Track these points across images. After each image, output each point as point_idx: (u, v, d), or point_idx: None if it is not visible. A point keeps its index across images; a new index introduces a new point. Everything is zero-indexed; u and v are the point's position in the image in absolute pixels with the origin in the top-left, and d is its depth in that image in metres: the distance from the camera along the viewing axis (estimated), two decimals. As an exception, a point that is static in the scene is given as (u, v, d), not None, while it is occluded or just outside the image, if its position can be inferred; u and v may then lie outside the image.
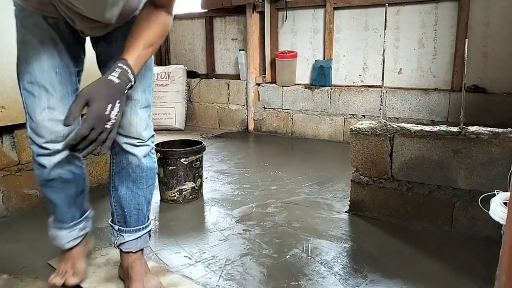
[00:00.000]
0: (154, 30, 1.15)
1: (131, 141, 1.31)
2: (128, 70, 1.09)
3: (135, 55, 1.11)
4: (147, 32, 1.14)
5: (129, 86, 1.10)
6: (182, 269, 1.62)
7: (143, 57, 1.13)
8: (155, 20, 1.15)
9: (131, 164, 1.33)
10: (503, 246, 0.78)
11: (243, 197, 2.44)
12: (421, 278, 1.55)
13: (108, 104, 1.03)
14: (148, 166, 1.35)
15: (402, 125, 2.00)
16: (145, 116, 1.33)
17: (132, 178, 1.35)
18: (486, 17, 3.35)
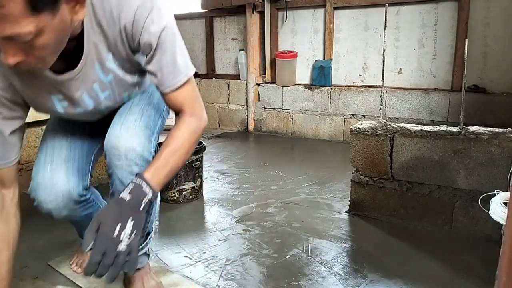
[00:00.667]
0: (176, 137, 1.11)
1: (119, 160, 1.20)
2: (142, 184, 1.03)
3: (153, 167, 1.07)
4: (169, 141, 1.10)
5: (147, 199, 1.03)
6: (182, 269, 1.62)
7: (164, 166, 1.08)
8: (178, 127, 1.13)
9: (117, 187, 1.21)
10: (503, 246, 0.78)
11: (243, 197, 2.44)
12: (421, 278, 1.55)
13: (117, 225, 0.96)
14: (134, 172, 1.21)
15: (402, 125, 2.00)
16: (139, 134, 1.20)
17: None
18: (486, 17, 3.35)
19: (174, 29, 1.10)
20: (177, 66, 1.09)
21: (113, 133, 1.18)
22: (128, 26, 1.02)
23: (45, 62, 0.94)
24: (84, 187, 1.29)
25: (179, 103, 1.13)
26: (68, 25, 0.91)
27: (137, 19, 1.01)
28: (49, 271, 1.58)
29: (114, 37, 1.05)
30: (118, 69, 1.12)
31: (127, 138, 1.16)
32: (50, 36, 0.87)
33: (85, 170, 1.31)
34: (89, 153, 1.35)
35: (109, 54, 1.08)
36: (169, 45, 1.08)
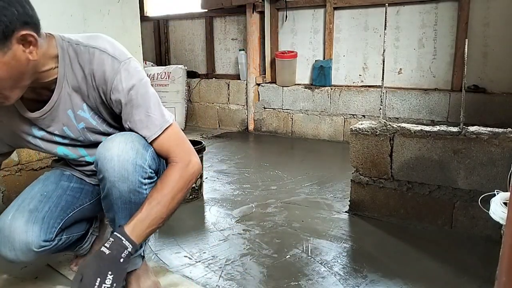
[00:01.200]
0: (160, 188, 1.15)
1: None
2: (122, 238, 1.08)
3: (134, 219, 1.11)
4: (153, 192, 1.15)
5: (126, 252, 1.09)
6: (182, 269, 1.62)
7: (145, 218, 1.12)
8: (164, 176, 1.17)
9: (111, 195, 1.18)
10: (503, 246, 0.78)
11: (243, 197, 2.44)
12: (421, 278, 1.55)
13: (96, 278, 1.03)
14: (131, 201, 1.18)
15: (402, 125, 2.00)
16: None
17: (114, 208, 1.20)
18: (486, 17, 3.35)
19: (145, 86, 1.15)
20: (151, 120, 1.15)
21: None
22: (99, 84, 1.12)
23: (6, 97, 1.02)
24: (46, 239, 1.23)
25: (163, 151, 1.18)
26: (23, 64, 0.99)
27: (106, 78, 1.11)
28: (49, 271, 1.58)
29: (87, 90, 1.15)
30: (92, 118, 1.20)
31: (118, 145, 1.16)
32: (2, 70, 0.95)
33: (53, 223, 1.26)
34: (67, 209, 1.31)
35: (83, 104, 1.17)
36: (141, 102, 1.13)
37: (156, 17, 5.39)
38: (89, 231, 1.51)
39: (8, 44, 0.94)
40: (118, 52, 1.13)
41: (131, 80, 1.11)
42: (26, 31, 0.96)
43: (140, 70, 1.16)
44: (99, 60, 1.11)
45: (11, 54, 0.95)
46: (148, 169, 1.16)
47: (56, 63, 1.11)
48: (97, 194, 1.40)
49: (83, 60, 1.12)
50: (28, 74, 1.03)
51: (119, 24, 2.97)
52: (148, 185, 1.18)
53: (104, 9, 2.85)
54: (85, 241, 1.51)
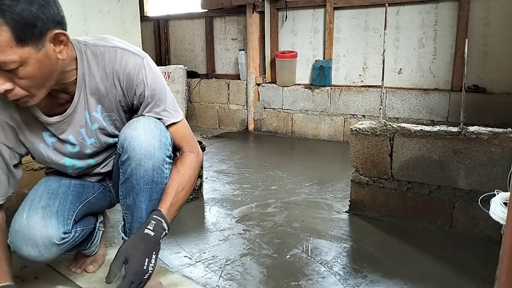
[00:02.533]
0: (182, 173, 1.23)
1: None
2: (162, 220, 1.15)
3: (168, 203, 1.19)
4: (177, 178, 1.23)
5: (164, 234, 1.16)
6: (182, 269, 1.62)
7: (176, 203, 1.21)
8: (182, 163, 1.26)
9: (135, 175, 1.19)
10: (503, 246, 0.78)
11: (243, 197, 2.44)
12: (421, 278, 1.55)
13: (145, 259, 1.09)
14: (154, 180, 1.20)
15: (402, 125, 2.00)
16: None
17: (135, 190, 1.21)
18: (486, 17, 3.35)
19: (163, 81, 1.25)
20: (169, 112, 1.24)
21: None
22: (122, 81, 1.17)
23: (32, 96, 1.05)
24: (65, 231, 1.24)
25: (177, 138, 1.26)
26: (53, 62, 1.03)
27: (131, 74, 1.16)
28: (49, 271, 1.58)
29: (106, 89, 1.19)
30: (104, 120, 1.24)
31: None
32: (34, 68, 0.98)
33: (67, 215, 1.27)
34: (75, 202, 1.33)
35: (99, 105, 1.21)
36: (162, 95, 1.22)
37: (156, 17, 5.39)
38: (96, 225, 1.52)
39: (43, 42, 0.97)
40: (135, 49, 1.20)
41: (153, 75, 1.19)
42: (59, 30, 1.00)
43: (156, 66, 1.24)
44: (122, 58, 1.16)
45: (44, 51, 0.99)
46: (170, 148, 1.23)
47: (75, 65, 1.15)
48: (98, 189, 1.43)
49: (103, 60, 1.16)
50: (56, 73, 1.07)
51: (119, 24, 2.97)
52: (169, 165, 1.23)
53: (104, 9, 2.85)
54: (94, 236, 1.51)
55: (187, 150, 1.27)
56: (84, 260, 1.56)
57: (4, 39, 0.91)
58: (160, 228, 1.14)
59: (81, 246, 1.46)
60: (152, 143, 1.16)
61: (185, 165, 1.25)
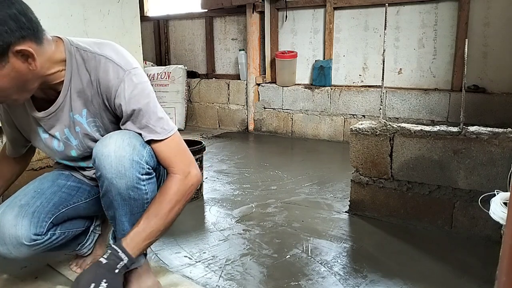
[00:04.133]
0: (159, 199, 1.18)
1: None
2: (118, 250, 1.14)
3: (131, 233, 1.16)
4: (152, 204, 1.18)
5: (122, 264, 1.15)
6: (182, 269, 1.62)
7: (143, 231, 1.16)
8: (162, 187, 1.20)
9: (110, 192, 1.19)
10: (503, 246, 0.78)
11: (243, 197, 2.44)
12: (421, 278, 1.55)
13: (91, 283, 1.10)
14: (130, 197, 1.18)
15: (402, 125, 2.00)
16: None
17: (114, 205, 1.21)
18: (486, 17, 3.35)
19: (147, 96, 1.17)
20: (149, 129, 1.17)
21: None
22: (103, 91, 1.16)
23: (14, 100, 1.09)
24: (36, 233, 1.24)
25: (163, 159, 1.20)
26: (24, 73, 1.04)
27: (110, 86, 1.14)
28: (49, 271, 1.58)
29: (91, 95, 1.18)
30: (88, 125, 1.23)
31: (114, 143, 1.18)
32: (3, 82, 1.01)
33: (44, 217, 1.26)
34: (59, 205, 1.32)
35: (84, 109, 1.21)
36: (142, 112, 1.17)
37: (156, 17, 5.39)
38: (90, 229, 1.51)
39: (5, 58, 0.99)
40: (124, 61, 1.16)
41: (134, 90, 1.14)
42: (21, 46, 1.00)
43: (144, 81, 1.18)
44: (104, 68, 1.14)
45: (10, 66, 1.00)
46: (145, 165, 1.16)
47: (64, 66, 1.15)
48: (94, 194, 1.41)
49: (89, 66, 1.16)
50: (32, 80, 1.08)
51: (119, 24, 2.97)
52: (147, 181, 1.18)
53: (104, 9, 2.85)
54: (86, 239, 1.51)
55: (172, 172, 1.20)
56: (84, 259, 1.56)
57: None
58: (115, 257, 1.14)
59: (68, 248, 1.46)
60: (122, 162, 1.13)
61: (164, 190, 1.19)
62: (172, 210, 1.18)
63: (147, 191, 1.19)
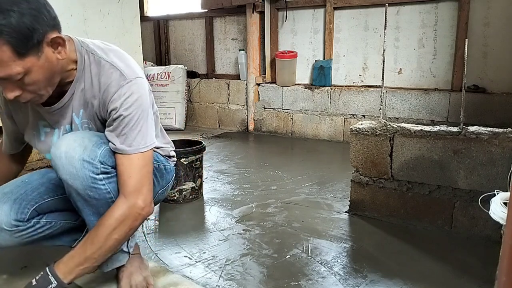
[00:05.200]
0: (100, 225, 1.16)
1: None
2: (49, 273, 1.15)
3: (66, 257, 1.17)
4: (92, 230, 1.18)
5: (51, 286, 1.14)
6: (182, 269, 1.62)
7: (79, 256, 1.16)
8: (107, 212, 1.17)
9: (71, 194, 1.21)
10: (503, 246, 0.78)
11: (243, 197, 2.44)
12: (421, 278, 1.55)
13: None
14: (91, 196, 1.19)
15: (402, 125, 2.00)
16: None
17: (78, 205, 1.24)
18: (486, 17, 3.35)
19: (139, 107, 1.18)
20: (124, 138, 1.17)
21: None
22: (102, 95, 1.18)
23: (40, 96, 1.11)
24: (17, 219, 1.25)
25: (118, 172, 1.18)
26: (54, 64, 1.08)
27: (109, 91, 1.16)
28: (49, 271, 1.58)
29: (90, 97, 1.20)
30: (81, 126, 1.25)
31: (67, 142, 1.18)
32: (38, 74, 1.05)
33: (26, 204, 1.27)
34: (44, 194, 1.33)
35: (81, 110, 1.23)
36: (128, 121, 1.16)
37: (156, 17, 5.39)
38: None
39: (41, 49, 1.03)
40: (128, 69, 1.18)
41: (129, 97, 1.16)
42: (54, 34, 1.05)
43: (142, 92, 1.19)
44: (108, 74, 1.17)
45: (44, 57, 1.04)
46: (100, 165, 1.15)
47: (75, 65, 1.18)
48: None
49: (94, 70, 1.18)
50: (57, 73, 1.12)
51: (119, 24, 2.97)
52: (106, 180, 1.18)
53: (104, 9, 2.85)
54: (83, 235, 1.50)
55: (122, 193, 1.18)
56: None
57: (6, 55, 0.98)
58: (44, 280, 1.14)
59: (62, 242, 1.46)
60: (72, 163, 1.13)
61: (105, 216, 1.17)
62: (110, 237, 1.16)
63: (109, 190, 1.19)
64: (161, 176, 1.47)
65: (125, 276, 1.40)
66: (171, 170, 1.54)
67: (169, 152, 1.53)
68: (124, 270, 1.41)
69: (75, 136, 1.17)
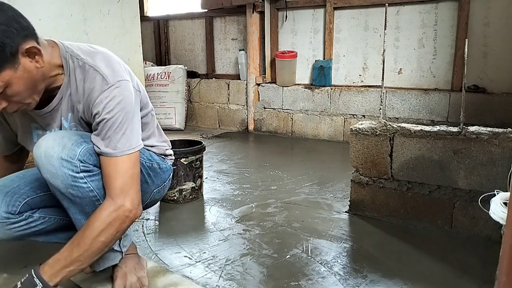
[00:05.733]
0: (84, 227, 1.16)
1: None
2: (34, 276, 1.14)
3: (51, 259, 1.16)
4: (78, 232, 1.18)
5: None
6: (182, 269, 1.62)
7: (65, 258, 1.15)
8: (93, 215, 1.17)
9: (55, 193, 1.23)
10: (503, 246, 0.78)
11: (243, 197, 2.44)
12: (421, 278, 1.55)
13: None
14: (74, 195, 1.19)
15: (402, 125, 2.00)
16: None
17: (64, 204, 1.25)
18: (486, 17, 3.35)
19: (123, 110, 1.18)
20: (109, 140, 1.17)
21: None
22: (86, 99, 1.19)
23: (27, 104, 1.13)
24: (8, 211, 1.26)
25: (104, 174, 1.18)
26: (34, 73, 1.09)
27: (92, 95, 1.17)
28: (49, 271, 1.58)
29: (76, 101, 1.22)
30: (70, 129, 1.26)
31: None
32: (19, 85, 1.06)
33: (17, 197, 1.28)
34: (37, 189, 1.34)
35: (69, 113, 1.24)
36: (111, 120, 1.16)
37: (156, 17, 5.39)
38: None
39: (17, 60, 1.04)
40: (111, 73, 1.18)
41: (111, 101, 1.16)
42: (28, 45, 1.05)
43: (125, 94, 1.18)
44: (91, 78, 1.18)
45: (21, 68, 1.05)
46: (79, 163, 1.15)
47: (61, 71, 1.19)
48: None
49: (79, 75, 1.20)
50: (39, 81, 1.13)
51: (119, 24, 2.97)
52: (87, 178, 1.18)
53: (104, 9, 2.85)
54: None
55: (108, 195, 1.17)
56: None
57: None
58: (30, 283, 1.13)
59: (59, 238, 1.45)
60: (51, 162, 1.13)
61: (91, 219, 1.16)
62: (97, 239, 1.15)
63: (91, 188, 1.19)
64: (155, 175, 1.47)
65: (119, 277, 1.41)
66: (168, 169, 1.53)
67: (165, 151, 1.53)
68: (119, 270, 1.42)
69: (55, 136, 1.17)
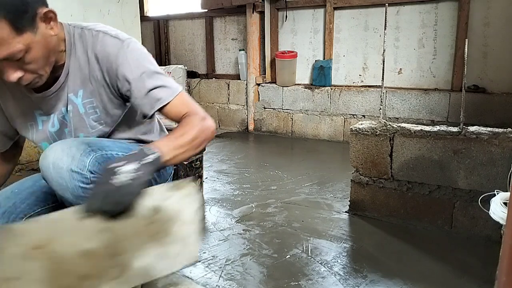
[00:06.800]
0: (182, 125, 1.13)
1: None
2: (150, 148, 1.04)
3: (158, 142, 1.10)
4: (172, 131, 1.13)
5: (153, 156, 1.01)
6: (182, 269, 1.62)
7: (173, 142, 1.09)
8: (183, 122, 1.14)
9: (65, 202, 1.19)
10: (503, 246, 0.78)
11: (243, 197, 2.44)
12: (421, 278, 1.55)
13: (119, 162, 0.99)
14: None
15: (402, 125, 2.00)
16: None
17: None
18: (486, 17, 3.35)
19: (149, 61, 1.18)
20: (160, 89, 1.15)
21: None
22: (102, 64, 1.16)
23: (40, 76, 1.11)
24: None
25: (176, 113, 1.17)
26: (49, 40, 1.08)
27: (110, 57, 1.15)
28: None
29: (89, 72, 1.18)
30: (84, 106, 1.22)
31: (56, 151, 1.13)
32: (37, 51, 1.05)
33: (14, 217, 1.25)
34: (34, 205, 1.31)
35: (81, 90, 1.21)
36: (148, 75, 1.15)
37: (156, 17, 5.39)
38: None
39: (36, 24, 1.03)
40: (118, 33, 1.19)
41: (136, 55, 1.16)
42: (46, 9, 1.05)
43: (141, 47, 1.20)
44: (102, 42, 1.16)
45: (40, 32, 1.04)
46: (89, 174, 1.10)
47: (65, 47, 1.17)
48: None
49: (86, 43, 1.18)
50: (52, 51, 1.11)
51: (119, 24, 2.97)
52: None
53: (104, 9, 2.86)
54: None
55: (189, 114, 1.15)
56: None
57: (6, 33, 0.97)
58: (147, 149, 1.02)
59: None
60: (60, 174, 1.08)
61: (184, 122, 1.13)
62: (196, 138, 1.12)
63: None
64: (158, 174, 1.46)
65: None
66: (169, 167, 1.53)
67: None
68: None
69: (62, 145, 1.12)
